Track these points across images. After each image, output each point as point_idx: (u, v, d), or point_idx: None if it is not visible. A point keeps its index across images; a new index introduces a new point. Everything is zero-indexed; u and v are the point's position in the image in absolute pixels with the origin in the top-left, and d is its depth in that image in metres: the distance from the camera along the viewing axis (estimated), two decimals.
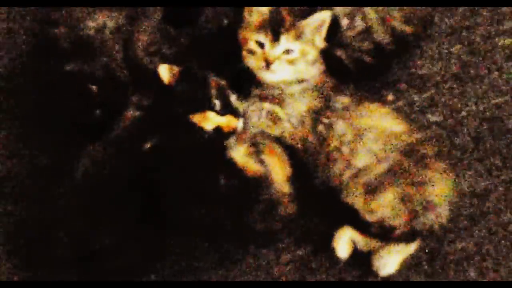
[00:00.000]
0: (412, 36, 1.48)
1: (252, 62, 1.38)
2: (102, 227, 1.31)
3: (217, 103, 1.35)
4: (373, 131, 1.35)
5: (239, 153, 1.36)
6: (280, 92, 1.40)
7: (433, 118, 1.58)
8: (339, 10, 1.41)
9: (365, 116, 1.37)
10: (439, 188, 1.33)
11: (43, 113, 1.60)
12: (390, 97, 1.59)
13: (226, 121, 1.35)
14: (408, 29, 1.46)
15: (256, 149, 1.38)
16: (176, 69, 1.36)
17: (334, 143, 1.36)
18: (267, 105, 1.40)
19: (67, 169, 1.42)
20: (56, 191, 1.39)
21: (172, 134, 1.34)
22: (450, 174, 1.37)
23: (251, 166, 1.35)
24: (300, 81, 1.40)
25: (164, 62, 1.38)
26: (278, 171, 1.37)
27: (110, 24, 1.46)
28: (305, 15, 1.35)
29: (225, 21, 1.49)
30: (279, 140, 1.40)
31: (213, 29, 1.50)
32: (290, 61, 1.36)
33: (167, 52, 1.47)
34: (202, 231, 1.40)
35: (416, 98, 1.60)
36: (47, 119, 1.59)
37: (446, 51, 1.64)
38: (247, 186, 1.33)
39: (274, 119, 1.40)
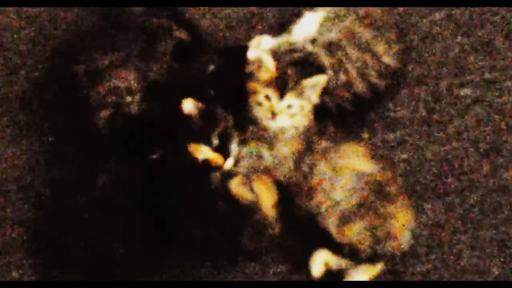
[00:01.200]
0: (385, 87, 1.63)
1: (259, 111, 1.54)
2: (115, 237, 1.43)
3: (215, 141, 1.48)
4: (348, 170, 1.49)
5: (233, 183, 1.48)
6: (272, 136, 1.55)
7: (401, 155, 1.70)
8: (326, 61, 1.58)
9: (343, 157, 1.51)
10: (400, 221, 1.48)
11: (63, 128, 1.70)
12: (365, 135, 1.72)
13: (214, 158, 1.49)
14: (381, 82, 1.62)
15: (248, 180, 1.50)
16: (199, 105, 1.49)
17: (316, 179, 1.50)
18: (255, 146, 1.55)
19: (85, 182, 1.53)
20: (76, 202, 1.49)
21: (179, 160, 1.48)
22: (411, 209, 1.52)
23: (243, 193, 1.48)
24: (293, 127, 1.55)
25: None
26: (266, 198, 1.51)
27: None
28: (305, 75, 1.53)
29: (211, 67, 1.59)
30: (267, 172, 1.54)
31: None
32: (291, 114, 1.53)
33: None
34: (199, 244, 1.51)
35: (387, 137, 1.72)
36: (65, 134, 1.70)
37: (414, 97, 1.75)
38: (240, 210, 1.46)
39: (259, 158, 1.54)
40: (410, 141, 1.72)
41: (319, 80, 1.53)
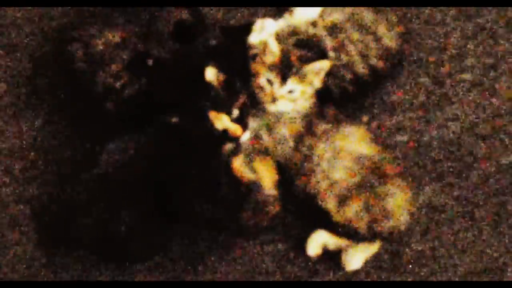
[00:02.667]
0: (386, 70, 1.63)
1: (261, 94, 1.53)
2: (121, 213, 1.42)
3: (235, 112, 1.48)
4: (348, 151, 1.50)
5: (236, 162, 1.48)
6: (271, 118, 1.56)
7: (400, 138, 1.70)
8: (328, 43, 1.57)
9: (342, 139, 1.51)
10: (398, 201, 1.49)
11: (67, 108, 1.71)
12: (365, 119, 1.72)
13: (234, 128, 1.49)
14: (381, 64, 1.61)
15: (249, 159, 1.51)
16: (222, 76, 1.49)
17: (315, 160, 1.51)
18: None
19: (89, 159, 1.54)
20: (80, 179, 1.50)
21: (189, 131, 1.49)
22: (407, 190, 1.52)
23: (244, 172, 1.49)
24: (294, 111, 1.55)
25: None
26: (267, 177, 1.52)
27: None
28: (309, 60, 1.50)
29: (213, 42, 1.61)
30: (268, 153, 1.55)
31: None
32: (292, 99, 1.52)
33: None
34: (202, 222, 1.52)
35: (387, 121, 1.72)
36: (70, 115, 1.71)
37: (414, 81, 1.75)
38: (241, 188, 1.47)
39: (258, 138, 1.54)
40: (409, 125, 1.72)
41: (322, 66, 1.51)
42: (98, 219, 1.43)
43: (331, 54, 1.58)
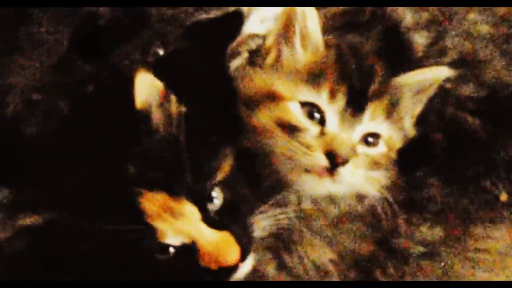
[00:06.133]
0: None
1: (289, 149, 0.77)
2: None
3: (215, 193, 0.81)
4: None
5: None
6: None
7: None
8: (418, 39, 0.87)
9: None
10: None
11: None
12: (504, 197, 0.94)
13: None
14: None
15: None
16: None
17: None
18: None
19: None
20: None
21: None
22: None
23: None
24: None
25: None
26: None
27: None
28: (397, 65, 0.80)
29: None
30: None
31: None
32: (370, 162, 0.80)
33: None
34: None
35: None
36: None
37: None
38: None
39: None
40: None
41: (438, 75, 0.83)
42: None
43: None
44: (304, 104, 0.78)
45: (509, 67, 0.88)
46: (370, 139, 0.80)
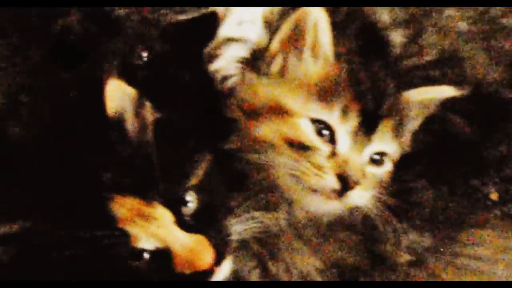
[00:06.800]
0: None
1: (298, 168, 0.74)
2: None
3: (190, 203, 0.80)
4: None
5: None
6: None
7: None
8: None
9: None
10: None
11: None
12: (494, 196, 0.95)
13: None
14: None
15: None
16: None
17: None
18: None
19: None
20: None
21: None
22: None
23: None
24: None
25: None
26: None
27: None
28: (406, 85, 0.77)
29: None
30: None
31: None
32: (378, 180, 0.78)
33: None
34: None
35: None
36: None
37: None
38: None
39: None
40: None
41: (445, 93, 0.81)
42: None
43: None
44: (314, 121, 0.75)
45: (491, 64, 0.86)
46: (377, 157, 0.78)
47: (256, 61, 0.81)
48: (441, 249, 0.81)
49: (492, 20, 0.87)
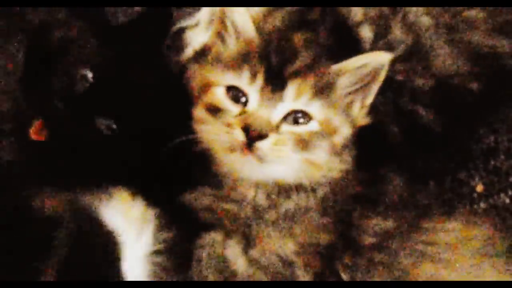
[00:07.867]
0: None
1: (214, 131, 0.82)
2: None
3: None
4: None
5: None
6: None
7: None
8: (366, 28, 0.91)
9: None
10: None
11: None
12: (479, 188, 1.04)
13: None
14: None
15: None
16: None
17: None
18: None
19: None
20: None
21: None
22: None
23: None
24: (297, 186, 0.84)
25: None
26: None
27: None
28: (337, 56, 0.82)
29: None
30: None
31: None
32: (298, 140, 0.81)
33: None
34: None
35: None
36: None
37: None
38: None
39: None
40: None
41: (380, 61, 0.82)
42: None
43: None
44: (229, 89, 0.83)
45: (454, 56, 0.91)
46: (301, 119, 0.81)
47: (199, 55, 0.93)
48: (403, 234, 0.85)
49: (455, 13, 0.92)
